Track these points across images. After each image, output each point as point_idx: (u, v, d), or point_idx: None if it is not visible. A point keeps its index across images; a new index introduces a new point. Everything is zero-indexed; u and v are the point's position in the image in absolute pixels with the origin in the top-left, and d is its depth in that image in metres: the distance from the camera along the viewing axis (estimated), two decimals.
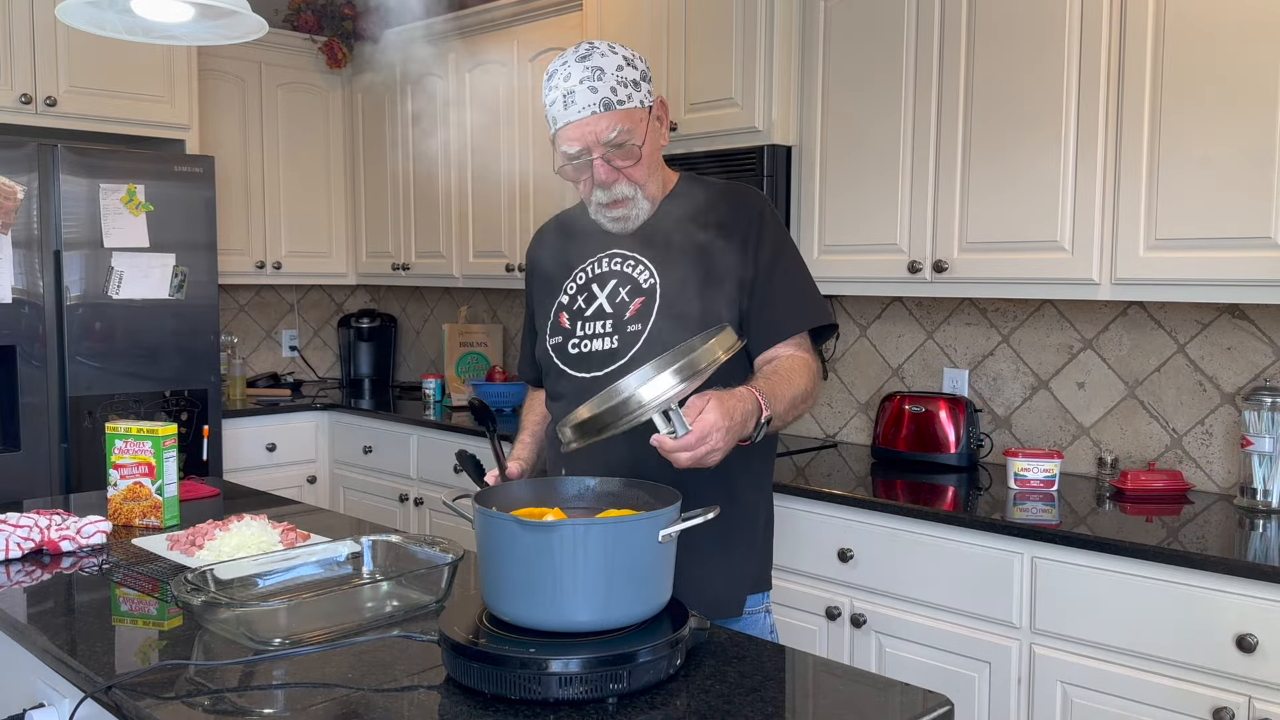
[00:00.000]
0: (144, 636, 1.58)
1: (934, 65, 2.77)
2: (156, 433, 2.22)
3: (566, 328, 1.83)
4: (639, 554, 1.34)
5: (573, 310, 1.83)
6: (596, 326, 1.79)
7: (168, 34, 1.99)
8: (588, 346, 1.79)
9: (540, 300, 1.93)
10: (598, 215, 1.79)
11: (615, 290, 1.80)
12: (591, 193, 1.75)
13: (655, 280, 1.77)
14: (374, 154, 4.67)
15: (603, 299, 1.80)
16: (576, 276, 1.85)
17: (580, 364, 1.79)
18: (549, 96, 1.71)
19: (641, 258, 1.80)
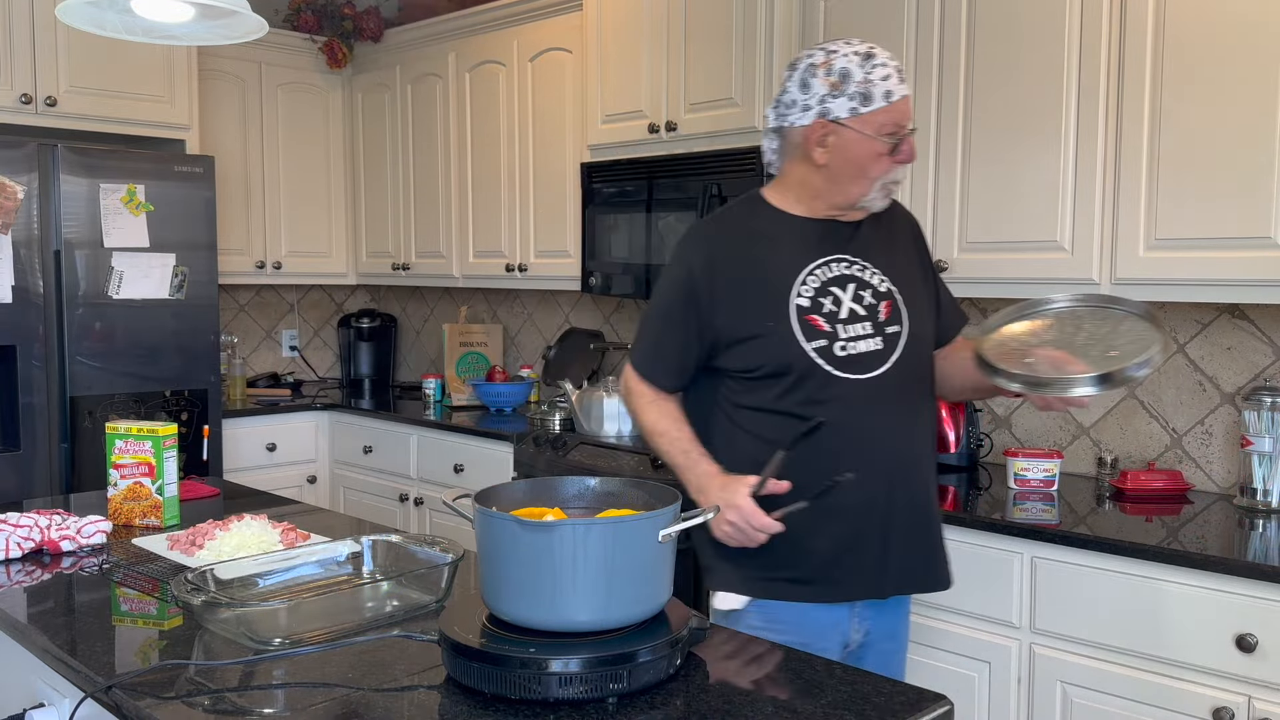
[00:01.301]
0: (144, 636, 1.58)
1: (934, 65, 2.77)
2: (157, 432, 2.22)
3: (827, 330, 1.82)
4: (639, 554, 1.34)
5: (824, 313, 1.83)
6: (857, 329, 1.84)
7: (168, 34, 1.99)
8: (855, 349, 1.83)
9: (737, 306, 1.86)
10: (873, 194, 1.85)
11: (857, 294, 1.86)
12: (890, 169, 1.83)
13: (890, 284, 1.89)
14: (374, 154, 4.67)
15: (849, 302, 1.85)
16: (806, 280, 1.85)
17: (850, 366, 1.82)
18: (878, 72, 1.78)
19: (867, 263, 1.89)
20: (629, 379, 1.99)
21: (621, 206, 3.49)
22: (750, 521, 1.76)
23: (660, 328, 1.95)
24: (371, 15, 4.56)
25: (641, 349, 1.98)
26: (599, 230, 3.58)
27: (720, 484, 1.82)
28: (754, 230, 1.92)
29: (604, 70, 3.53)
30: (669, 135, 3.34)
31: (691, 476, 1.88)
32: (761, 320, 1.84)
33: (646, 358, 1.96)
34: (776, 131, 1.92)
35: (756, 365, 1.84)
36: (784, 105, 1.88)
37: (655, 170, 3.37)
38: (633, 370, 1.98)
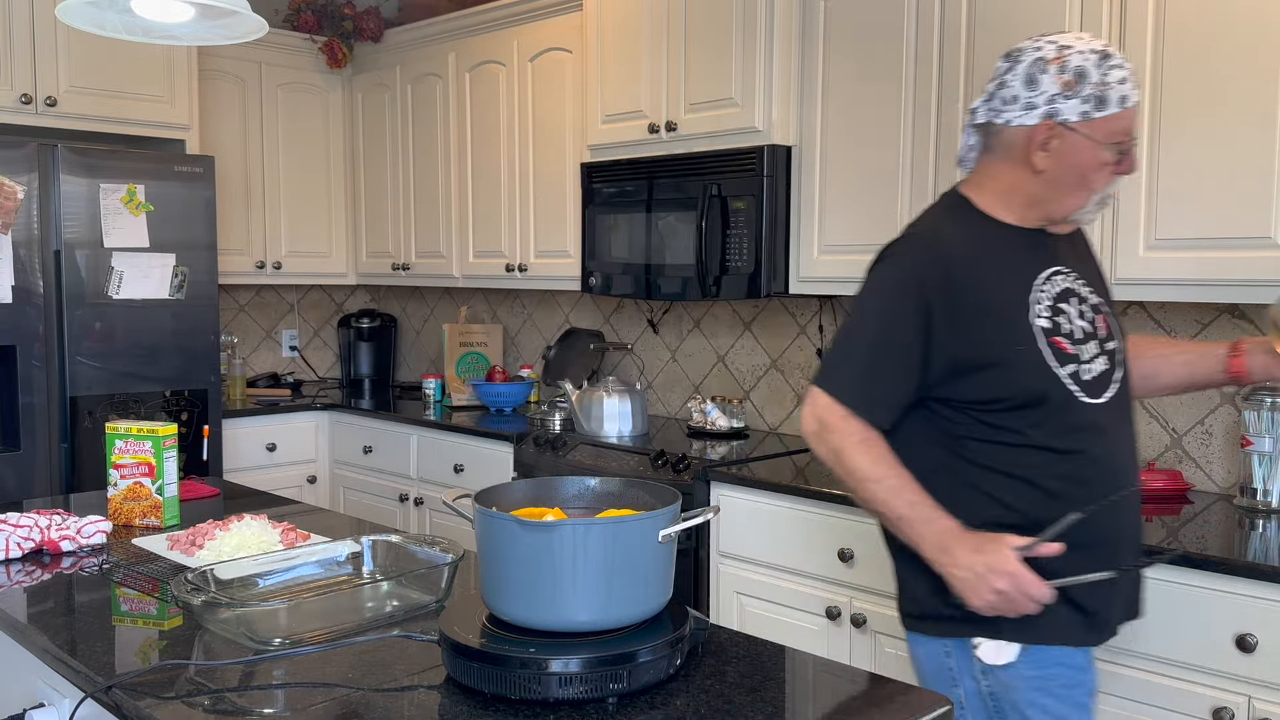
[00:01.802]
0: (144, 636, 1.58)
1: (934, 65, 2.78)
2: (157, 432, 2.22)
3: (1072, 352, 1.67)
4: (639, 554, 1.34)
5: (1064, 333, 1.67)
6: (1091, 348, 1.70)
7: (168, 34, 1.99)
8: (1093, 371, 1.69)
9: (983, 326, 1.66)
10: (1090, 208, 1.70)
11: (1080, 310, 1.72)
12: (1111, 181, 1.68)
13: (1098, 296, 1.77)
14: (374, 154, 4.67)
15: (1077, 319, 1.70)
16: (1037, 298, 1.68)
17: (1092, 389, 1.67)
18: (1115, 74, 1.63)
19: (1078, 275, 1.75)
20: (828, 414, 1.68)
21: (621, 206, 3.49)
22: (1027, 591, 1.57)
23: (877, 353, 1.68)
24: (371, 15, 4.56)
25: (848, 378, 1.69)
26: (599, 230, 3.58)
27: (974, 544, 1.59)
28: (975, 238, 1.71)
29: (604, 70, 3.53)
30: (669, 135, 3.34)
31: (928, 533, 1.63)
32: (1009, 344, 1.64)
33: (858, 388, 1.68)
34: (983, 128, 1.73)
35: (1003, 395, 1.63)
36: (1001, 100, 1.67)
37: (655, 170, 3.37)
38: (833, 403, 1.68)
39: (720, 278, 3.18)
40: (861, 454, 1.66)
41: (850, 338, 1.72)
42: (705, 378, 3.84)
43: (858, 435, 1.66)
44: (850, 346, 1.71)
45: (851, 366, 1.70)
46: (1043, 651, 1.68)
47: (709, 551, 2.96)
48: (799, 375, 3.55)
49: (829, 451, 1.69)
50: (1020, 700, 1.71)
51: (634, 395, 3.54)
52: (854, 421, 1.67)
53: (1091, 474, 1.65)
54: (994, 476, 1.66)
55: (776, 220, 3.11)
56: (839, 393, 1.68)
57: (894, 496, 1.65)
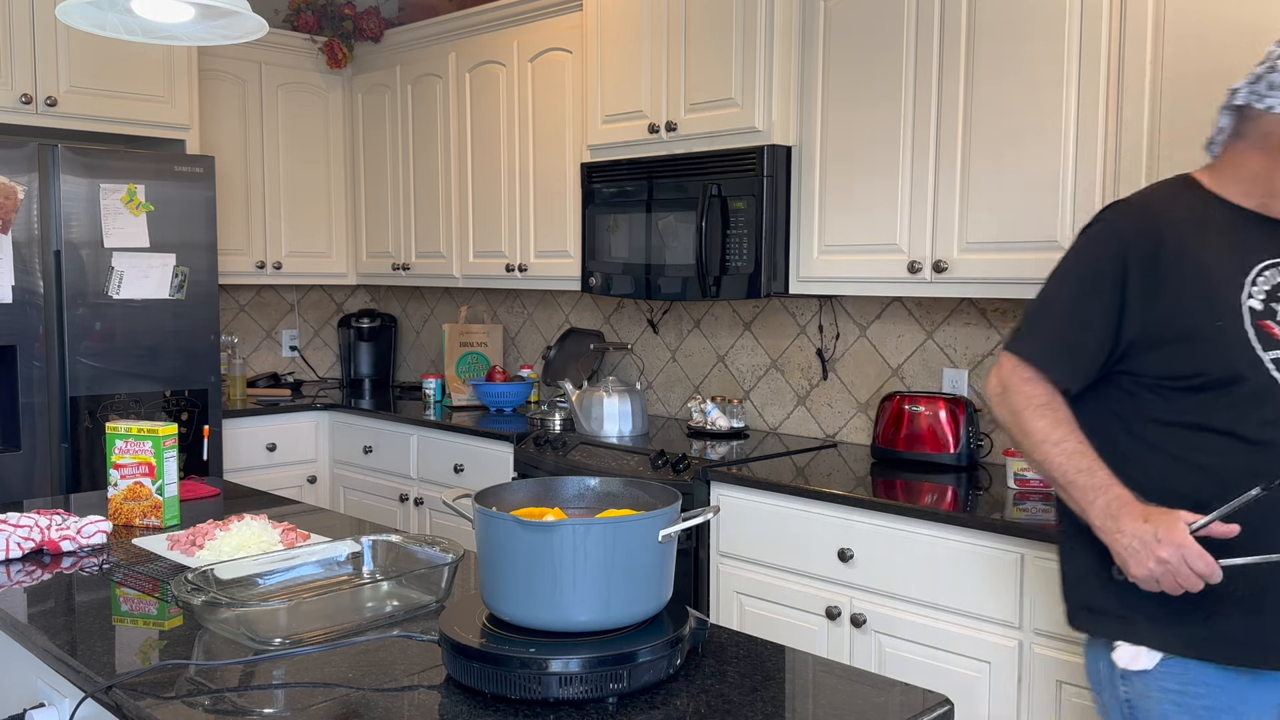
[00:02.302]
0: (144, 636, 1.58)
1: (934, 65, 2.78)
2: (157, 433, 2.22)
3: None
4: (639, 554, 1.34)
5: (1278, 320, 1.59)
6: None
7: (168, 34, 1.99)
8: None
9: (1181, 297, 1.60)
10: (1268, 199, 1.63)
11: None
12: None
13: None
14: (374, 154, 4.67)
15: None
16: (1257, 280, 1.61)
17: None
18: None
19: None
20: (1012, 376, 1.67)
21: (621, 207, 3.49)
22: (1191, 564, 1.49)
23: (1073, 313, 1.63)
24: (371, 15, 4.56)
25: (1040, 337, 1.66)
26: (599, 230, 3.58)
27: (1144, 513, 1.55)
28: (1196, 213, 1.65)
29: (604, 70, 3.53)
30: (669, 135, 3.34)
31: (1100, 500, 1.58)
32: (1209, 318, 1.57)
33: (1049, 348, 1.64)
34: (1239, 111, 1.65)
35: (1193, 372, 1.57)
36: (1268, 85, 1.60)
37: (655, 170, 3.37)
38: (1019, 365, 1.66)
39: (720, 278, 3.19)
40: (1041, 416, 1.63)
41: (1045, 300, 1.68)
42: (705, 378, 3.85)
43: (1040, 399, 1.64)
44: (1043, 309, 1.68)
45: (1042, 328, 1.67)
46: (1185, 666, 1.60)
47: (709, 551, 2.96)
48: (799, 375, 3.55)
49: (1009, 413, 1.67)
50: (1154, 712, 1.63)
51: (634, 395, 3.54)
52: (1039, 385, 1.65)
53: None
54: (1166, 461, 1.60)
55: (776, 220, 3.11)
56: (1027, 354, 1.66)
57: (1068, 460, 1.61)
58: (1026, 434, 1.66)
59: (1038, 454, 1.65)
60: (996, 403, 1.71)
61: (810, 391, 3.52)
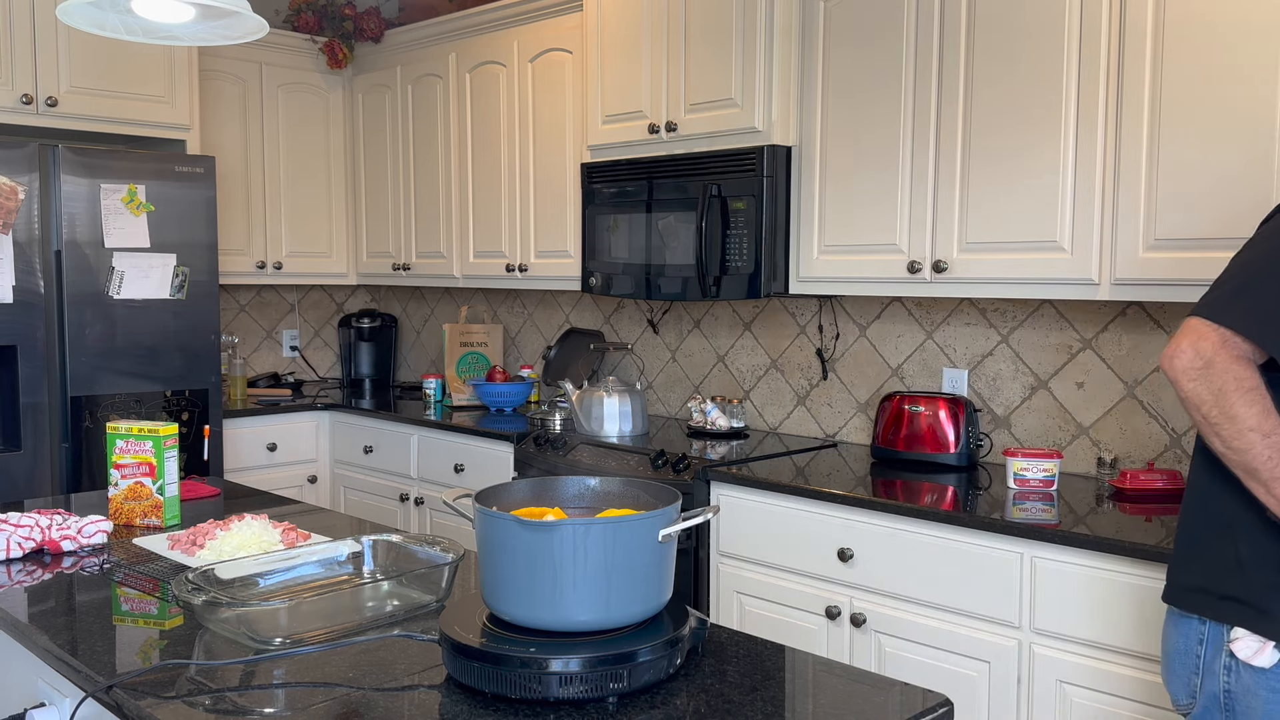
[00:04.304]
0: (145, 636, 1.58)
1: (934, 65, 2.78)
2: (157, 432, 2.22)
3: None
4: (639, 554, 1.34)
5: None
6: None
7: (168, 34, 2.00)
8: None
9: None
10: None
11: None
12: None
13: None
14: (374, 154, 4.67)
15: None
16: None
17: None
18: None
19: None
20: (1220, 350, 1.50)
21: (621, 207, 3.49)
22: None
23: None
24: (372, 16, 4.56)
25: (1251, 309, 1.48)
26: (599, 230, 3.58)
27: None
28: None
29: (604, 71, 3.53)
30: (669, 135, 3.34)
31: None
32: None
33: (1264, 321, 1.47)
34: None
35: None
36: None
37: (655, 170, 3.37)
38: (1231, 338, 1.49)
39: (720, 278, 3.19)
40: (1252, 403, 1.48)
41: (1253, 273, 1.50)
42: (705, 378, 3.85)
43: (1250, 381, 1.48)
44: (1254, 282, 1.50)
45: (1255, 302, 1.49)
46: None
47: (709, 551, 2.96)
48: (799, 375, 3.55)
49: (1211, 392, 1.50)
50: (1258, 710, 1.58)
51: (634, 395, 3.54)
52: (1249, 365, 1.49)
53: None
54: None
55: (776, 220, 3.11)
56: (1241, 327, 1.48)
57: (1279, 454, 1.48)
58: (1231, 419, 1.49)
59: (1240, 441, 1.49)
60: (1193, 377, 1.51)
61: (810, 391, 3.52)
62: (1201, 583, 1.62)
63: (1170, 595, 1.68)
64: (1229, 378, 1.49)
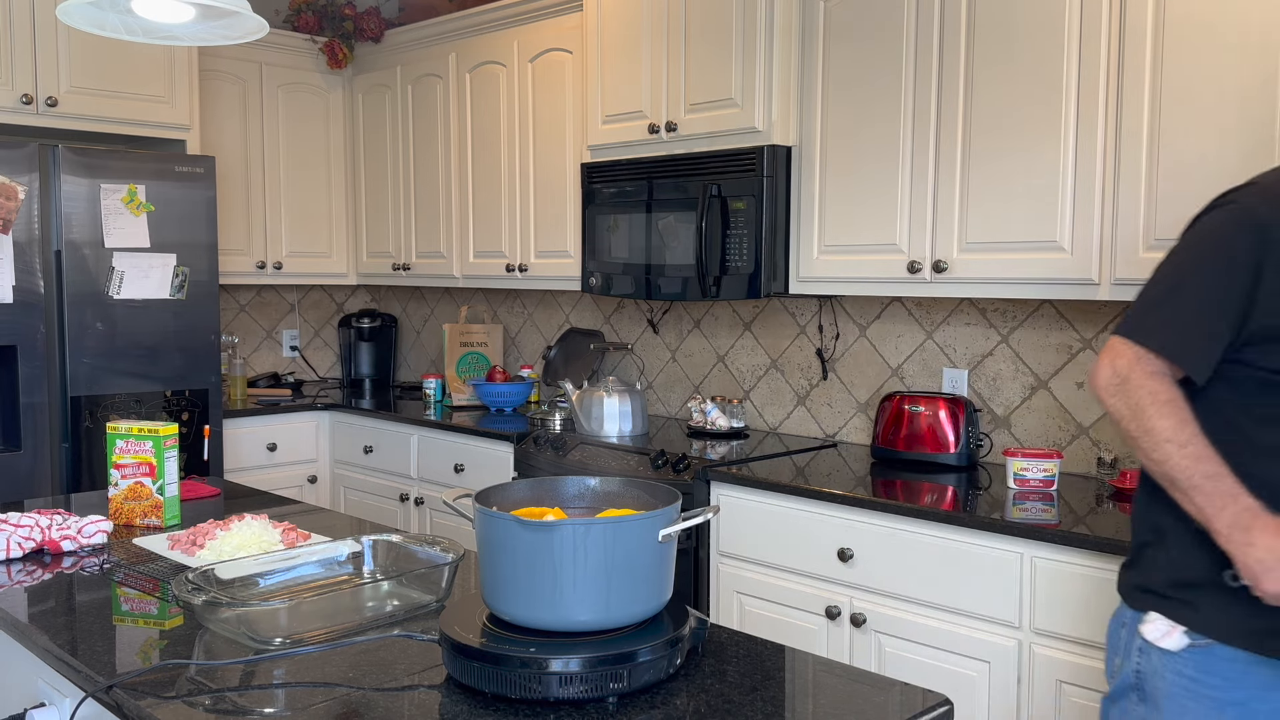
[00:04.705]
0: (145, 636, 1.58)
1: (934, 65, 2.78)
2: (157, 432, 2.22)
3: None
4: (639, 554, 1.34)
5: None
6: None
7: (168, 34, 2.00)
8: None
9: None
10: None
11: None
12: None
13: None
14: (374, 154, 4.67)
15: None
16: None
17: None
18: None
19: None
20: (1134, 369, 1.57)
21: (621, 207, 3.49)
22: None
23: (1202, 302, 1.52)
24: (372, 16, 4.56)
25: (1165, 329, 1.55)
26: (599, 231, 3.58)
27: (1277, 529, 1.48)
28: None
29: (604, 71, 3.53)
30: (669, 136, 3.34)
31: (1229, 510, 1.51)
32: None
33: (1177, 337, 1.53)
34: None
35: None
36: None
37: (655, 171, 3.37)
38: (1144, 355, 1.56)
39: (720, 278, 3.19)
40: (1167, 415, 1.53)
41: (1168, 286, 1.55)
42: (705, 378, 3.85)
43: (1165, 395, 1.54)
44: (1167, 295, 1.55)
45: (1169, 316, 1.55)
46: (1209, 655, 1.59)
47: (709, 551, 2.96)
48: (799, 375, 3.55)
49: (1128, 408, 1.56)
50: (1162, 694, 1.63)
51: (634, 395, 3.54)
52: (1164, 380, 1.55)
53: None
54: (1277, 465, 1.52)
55: (776, 220, 3.11)
56: (1154, 344, 1.55)
57: (1195, 465, 1.52)
58: (1148, 432, 1.55)
59: (1158, 453, 1.55)
60: (1111, 394, 1.59)
61: (810, 391, 3.52)
62: (1137, 580, 1.70)
63: (1119, 589, 1.76)
64: (1144, 393, 1.55)
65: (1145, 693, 1.66)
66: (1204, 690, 1.60)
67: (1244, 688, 1.59)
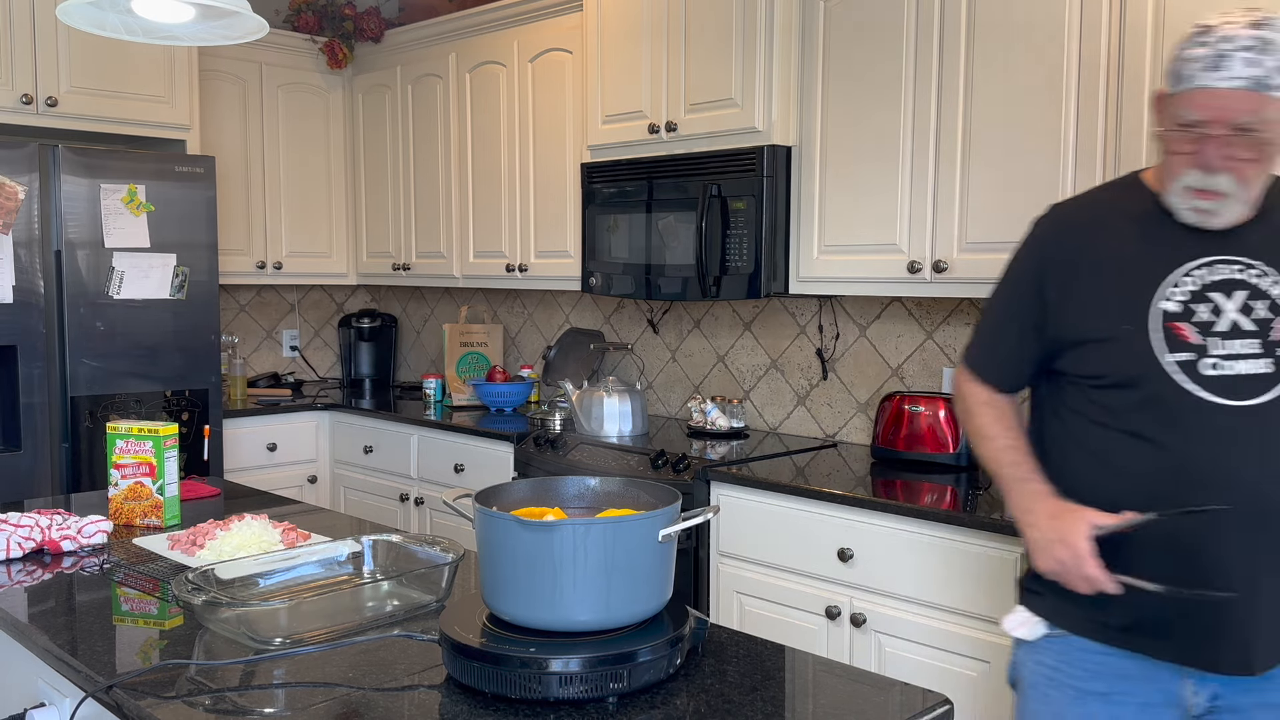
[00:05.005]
0: (145, 636, 1.58)
1: (934, 65, 2.78)
2: (157, 432, 2.22)
3: (1195, 343, 1.55)
4: (639, 553, 1.34)
5: (1196, 322, 1.56)
6: (1238, 346, 1.54)
7: (168, 34, 2.00)
8: (1231, 369, 1.54)
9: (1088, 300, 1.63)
10: (1175, 197, 1.57)
11: (1247, 304, 1.56)
12: (1185, 172, 1.54)
13: None
14: (374, 154, 4.67)
15: (1234, 313, 1.56)
16: (1181, 281, 1.57)
17: (1221, 388, 1.53)
18: (1194, 52, 1.51)
19: (1269, 268, 1.57)
20: (959, 376, 1.81)
21: (621, 207, 3.49)
22: (1080, 569, 1.55)
23: (999, 319, 1.74)
24: (372, 16, 4.56)
25: (976, 342, 1.79)
26: (599, 230, 3.58)
27: (1055, 510, 1.60)
28: (1123, 214, 1.65)
29: (604, 71, 3.53)
30: (669, 135, 3.34)
31: (1017, 493, 1.67)
32: (1116, 322, 1.59)
33: (980, 352, 1.77)
34: None
35: (1101, 373, 1.60)
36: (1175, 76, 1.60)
37: (655, 171, 3.37)
38: (963, 368, 1.79)
39: (720, 278, 3.19)
40: (983, 414, 1.76)
41: (984, 308, 1.80)
42: (705, 378, 3.85)
43: (982, 397, 1.76)
44: (982, 316, 1.80)
45: (980, 332, 1.79)
46: (1066, 645, 1.67)
47: (709, 551, 2.96)
48: (799, 375, 3.55)
49: (961, 412, 1.81)
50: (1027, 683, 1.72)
51: (634, 395, 3.54)
52: (980, 385, 1.77)
53: (1181, 476, 1.54)
54: (1089, 459, 1.63)
55: (776, 220, 3.11)
56: (968, 359, 1.80)
57: (1001, 455, 1.72)
58: (971, 430, 1.79)
59: (979, 448, 1.77)
60: (954, 402, 1.86)
61: (810, 391, 3.52)
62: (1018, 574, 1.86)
63: None
64: (969, 398, 1.80)
65: (1017, 682, 1.76)
66: (1065, 679, 1.67)
67: (1103, 678, 1.64)
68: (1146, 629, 1.59)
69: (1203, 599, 1.51)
